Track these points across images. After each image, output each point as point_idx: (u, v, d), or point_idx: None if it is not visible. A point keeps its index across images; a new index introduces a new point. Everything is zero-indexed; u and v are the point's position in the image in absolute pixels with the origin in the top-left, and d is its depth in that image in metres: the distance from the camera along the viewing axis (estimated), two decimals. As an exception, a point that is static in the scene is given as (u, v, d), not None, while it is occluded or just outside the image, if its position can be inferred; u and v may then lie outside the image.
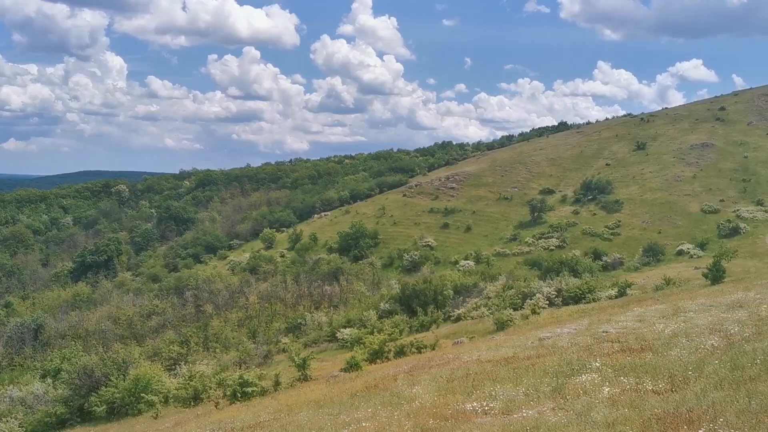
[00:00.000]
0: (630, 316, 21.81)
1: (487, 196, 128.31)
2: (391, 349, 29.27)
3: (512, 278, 58.98)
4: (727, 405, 7.55)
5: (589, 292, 43.23)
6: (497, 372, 13.89)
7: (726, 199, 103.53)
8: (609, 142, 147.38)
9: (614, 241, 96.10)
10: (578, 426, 7.77)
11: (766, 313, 14.96)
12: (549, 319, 33.47)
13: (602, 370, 11.42)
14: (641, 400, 8.75)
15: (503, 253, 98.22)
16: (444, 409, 10.93)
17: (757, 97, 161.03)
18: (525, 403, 10.26)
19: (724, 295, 23.13)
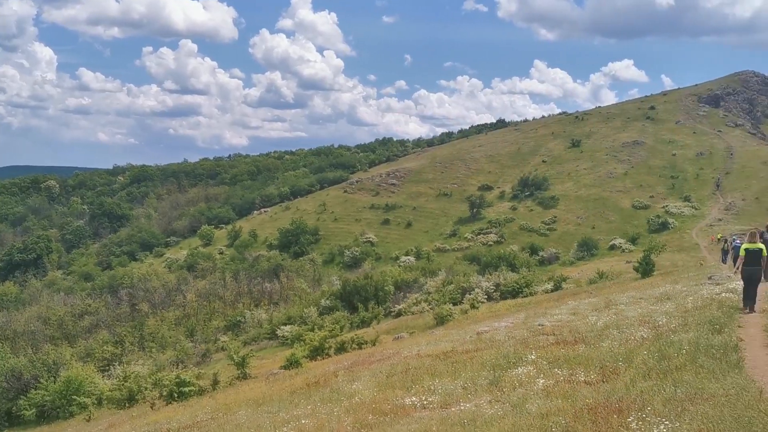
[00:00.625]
0: (565, 309, 22.39)
1: (427, 192, 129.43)
2: (331, 346, 29.19)
3: (452, 273, 59.73)
4: (655, 394, 7.82)
5: (526, 286, 44.14)
6: (436, 366, 14.01)
7: (655, 195, 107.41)
8: (545, 140, 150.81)
9: (550, 236, 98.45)
10: (513, 418, 7.91)
11: (692, 305, 15.56)
12: (487, 313, 34.00)
13: (537, 362, 11.65)
14: (574, 390, 8.97)
15: (443, 249, 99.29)
16: (383, 405, 10.95)
17: (685, 97, 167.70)
18: (463, 397, 10.37)
19: (653, 288, 23.98)
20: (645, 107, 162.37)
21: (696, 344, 10.27)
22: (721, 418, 6.22)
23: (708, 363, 9.06)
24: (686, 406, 6.96)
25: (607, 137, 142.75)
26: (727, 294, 16.42)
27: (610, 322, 15.78)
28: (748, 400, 6.81)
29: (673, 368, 9.13)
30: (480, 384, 10.98)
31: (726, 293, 16.56)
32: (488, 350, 14.88)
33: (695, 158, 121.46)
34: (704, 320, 12.62)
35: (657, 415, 6.80)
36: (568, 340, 14.02)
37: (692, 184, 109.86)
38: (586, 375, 10.08)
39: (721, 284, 19.63)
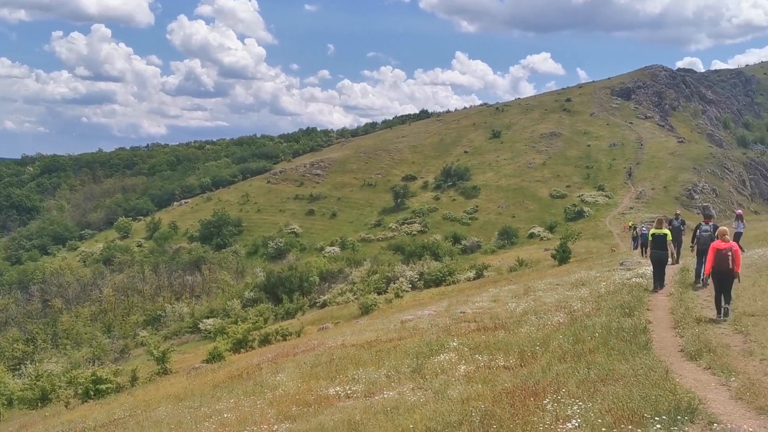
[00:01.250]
0: (486, 296, 22.90)
1: (351, 183, 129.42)
2: (255, 338, 28.88)
3: (377, 263, 59.99)
4: (569, 376, 8.11)
5: (449, 274, 44.85)
6: (360, 355, 14.07)
7: (572, 184, 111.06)
8: (467, 131, 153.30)
9: (472, 225, 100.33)
10: (435, 404, 8.04)
11: (605, 290, 16.21)
12: (411, 301, 34.36)
13: (459, 349, 11.88)
14: (494, 375, 9.20)
15: (368, 239, 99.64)
16: (307, 395, 10.92)
17: (599, 89, 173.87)
18: (386, 385, 10.46)
19: (569, 274, 24.82)
20: (562, 99, 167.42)
21: (608, 327, 10.71)
22: (630, 397, 6.51)
23: (619, 345, 9.47)
24: (598, 387, 7.25)
25: (526, 128, 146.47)
26: (637, 279, 17.17)
27: (529, 308, 16.26)
28: (655, 379, 7.16)
29: (587, 351, 9.49)
30: (403, 372, 11.11)
31: (636, 278, 17.31)
32: (412, 338, 15.05)
33: (608, 149, 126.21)
34: (616, 304, 13.16)
35: (571, 396, 7.05)
36: (489, 327, 14.35)
37: (606, 174, 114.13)
38: (506, 360, 10.35)
39: (632, 270, 20.52)
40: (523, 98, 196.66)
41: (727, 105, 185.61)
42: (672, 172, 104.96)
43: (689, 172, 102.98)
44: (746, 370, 7.63)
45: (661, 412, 5.95)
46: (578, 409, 6.49)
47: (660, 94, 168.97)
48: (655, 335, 10.29)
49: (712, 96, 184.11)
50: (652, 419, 5.82)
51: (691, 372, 7.96)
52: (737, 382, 7.12)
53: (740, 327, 10.10)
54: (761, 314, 10.69)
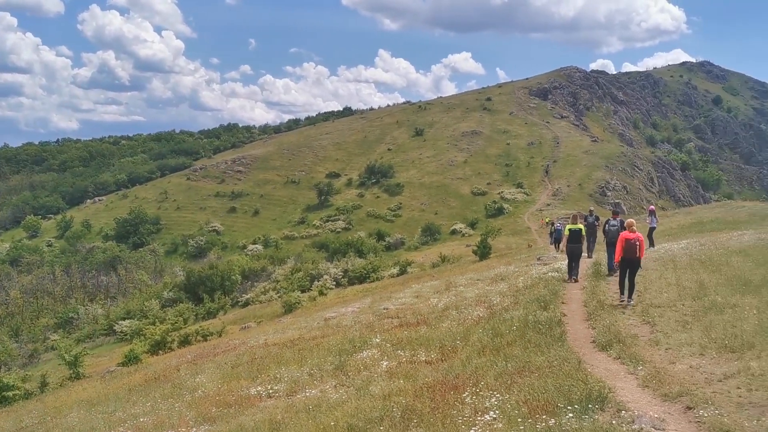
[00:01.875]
0: (409, 292, 23.12)
1: (274, 180, 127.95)
2: (174, 339, 28.12)
3: (301, 261, 59.54)
4: (488, 369, 8.29)
5: (373, 271, 45.02)
6: (283, 354, 13.94)
7: (492, 182, 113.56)
8: (391, 128, 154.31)
9: (396, 222, 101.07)
10: (357, 400, 8.05)
11: (523, 285, 16.65)
12: (335, 299, 34.34)
13: (382, 345, 11.94)
14: (415, 370, 9.29)
15: (292, 237, 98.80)
16: (228, 396, 10.73)
17: (517, 89, 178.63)
18: (309, 383, 10.40)
19: (489, 270, 25.38)
20: (482, 98, 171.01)
21: (525, 321, 11.01)
22: (545, 388, 6.72)
23: (535, 338, 9.75)
24: (515, 379, 7.44)
25: (448, 126, 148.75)
26: (553, 273, 17.72)
27: (450, 304, 16.52)
28: (568, 369, 7.41)
29: (505, 344, 9.73)
30: (326, 369, 11.07)
31: (552, 273, 17.87)
32: (335, 336, 15.03)
33: (527, 147, 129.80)
34: (533, 298, 13.54)
35: (489, 388, 7.21)
36: (411, 322, 14.50)
37: (524, 172, 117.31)
38: (427, 355, 10.48)
39: (548, 264, 21.18)
40: (445, 97, 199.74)
41: (637, 106, 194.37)
42: (586, 170, 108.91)
43: (602, 170, 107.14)
44: (653, 359, 8.01)
45: (574, 402, 6.16)
46: (496, 401, 6.64)
47: (575, 94, 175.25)
48: (570, 327, 10.65)
49: (623, 97, 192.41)
50: (565, 408, 6.02)
51: (602, 362, 8.28)
52: (644, 371, 7.46)
53: (647, 318, 10.59)
54: (667, 306, 11.24)
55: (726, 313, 9.57)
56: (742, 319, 8.81)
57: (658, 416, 5.90)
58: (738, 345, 7.84)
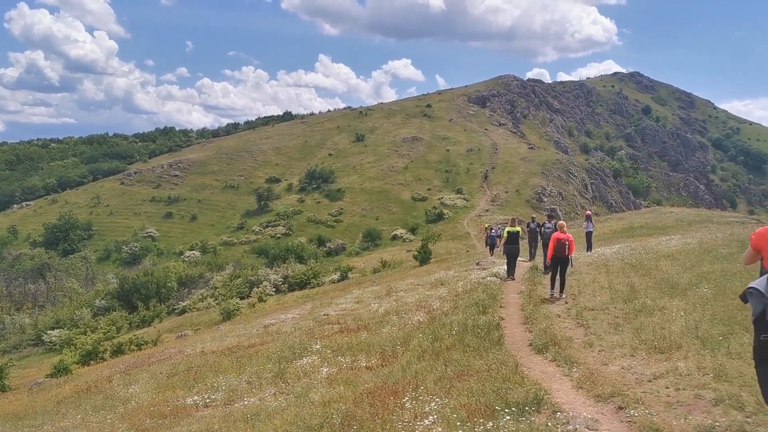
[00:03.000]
0: (349, 298, 23.08)
1: (213, 185, 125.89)
2: (107, 349, 27.26)
3: (240, 267, 58.75)
4: (428, 374, 8.33)
5: (313, 277, 44.79)
6: (220, 362, 13.68)
7: (432, 187, 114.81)
8: (331, 133, 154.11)
9: (337, 228, 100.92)
10: (296, 408, 7.96)
11: (462, 289, 16.83)
12: (275, 305, 33.97)
13: (322, 351, 11.86)
14: (356, 376, 9.26)
15: (230, 242, 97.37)
16: (163, 407, 10.44)
17: (457, 96, 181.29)
18: (247, 391, 10.23)
19: (429, 275, 25.59)
20: (422, 105, 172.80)
21: (464, 325, 11.12)
22: (483, 392, 6.80)
23: (474, 341, 9.86)
24: (454, 383, 7.50)
25: (389, 132, 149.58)
26: (491, 278, 18.00)
27: (391, 309, 16.55)
28: (505, 373, 7.53)
29: (445, 348, 9.80)
30: (265, 377, 10.92)
31: (491, 277, 18.14)
32: (274, 343, 14.85)
33: (466, 154, 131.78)
34: (472, 303, 13.70)
35: (429, 393, 7.25)
36: (352, 328, 14.46)
37: (464, 178, 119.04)
38: (368, 360, 10.46)
39: (487, 269, 21.50)
40: (386, 103, 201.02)
41: (572, 114, 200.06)
42: (523, 176, 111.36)
43: (539, 177, 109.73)
44: (586, 361, 8.21)
45: (511, 405, 6.26)
46: (435, 406, 6.68)
47: (512, 102, 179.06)
48: (508, 331, 10.82)
49: (559, 105, 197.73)
50: (502, 411, 6.10)
51: (538, 364, 8.44)
52: (578, 373, 7.64)
53: (582, 321, 10.86)
54: (600, 308, 11.56)
55: (655, 316, 9.91)
56: (670, 321, 9.13)
57: (592, 417, 6.05)
58: (666, 346, 8.13)
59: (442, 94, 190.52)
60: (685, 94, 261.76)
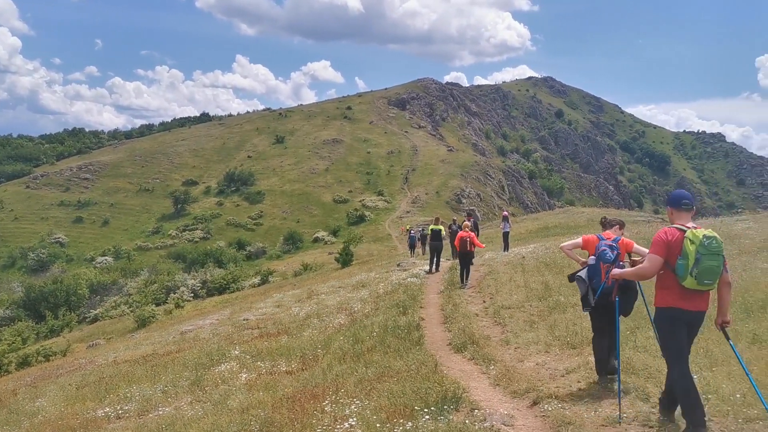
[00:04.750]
0: (270, 302, 22.78)
1: (126, 188, 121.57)
2: (12, 361, 25.76)
3: (155, 272, 56.99)
4: (349, 376, 8.31)
5: (233, 281, 43.96)
6: (134, 372, 13.20)
7: (353, 190, 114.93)
8: (250, 135, 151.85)
9: (257, 231, 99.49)
10: (214, 416, 7.77)
11: (383, 291, 16.93)
12: (193, 311, 33.16)
13: (241, 357, 11.64)
14: (275, 381, 9.13)
15: (145, 247, 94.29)
16: (72, 420, 9.96)
17: (377, 99, 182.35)
18: (163, 401, 9.91)
19: (351, 277, 25.61)
20: (343, 107, 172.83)
21: (385, 326, 11.17)
22: (403, 392, 6.83)
23: (395, 343, 9.91)
24: (375, 385, 7.51)
25: (309, 134, 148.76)
26: (412, 279, 18.19)
27: (312, 312, 16.46)
28: (425, 372, 7.60)
29: (365, 350, 9.81)
30: (181, 385, 10.61)
31: (412, 278, 18.33)
32: (191, 349, 14.47)
33: (387, 156, 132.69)
34: (393, 304, 13.79)
35: (349, 396, 7.22)
36: (272, 333, 14.28)
37: (384, 180, 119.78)
38: (288, 365, 10.33)
39: (408, 270, 21.72)
40: (306, 105, 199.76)
41: (489, 117, 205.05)
42: (443, 178, 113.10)
43: (457, 179, 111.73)
44: (503, 359, 8.41)
45: (430, 404, 6.31)
46: (356, 408, 6.66)
47: (431, 105, 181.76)
48: (427, 331, 10.94)
49: (476, 109, 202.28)
50: (421, 411, 6.15)
51: (457, 363, 8.57)
52: (496, 370, 7.81)
53: (499, 319, 11.12)
54: (516, 307, 11.86)
55: (568, 312, 10.25)
56: (582, 317, 9.46)
57: (508, 413, 6.19)
58: (578, 342, 8.42)
59: (362, 97, 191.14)
60: (594, 98, 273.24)
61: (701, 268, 4.92)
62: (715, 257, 4.93)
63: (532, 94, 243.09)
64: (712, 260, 4.92)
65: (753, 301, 8.70)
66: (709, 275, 4.95)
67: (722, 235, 16.05)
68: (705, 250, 4.91)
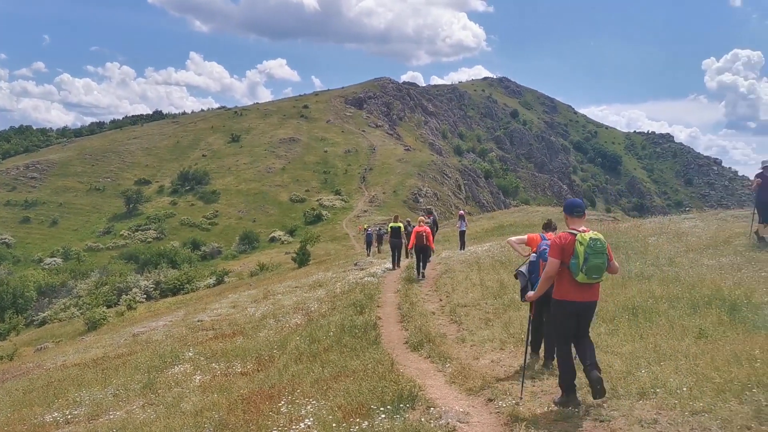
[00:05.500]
0: (225, 303, 22.52)
1: (76, 187, 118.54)
2: (-46, 367, 24.89)
3: (107, 274, 55.73)
4: (305, 376, 8.26)
5: (187, 282, 43.37)
6: (84, 375, 12.89)
7: (310, 189, 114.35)
8: (205, 134, 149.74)
9: (212, 231, 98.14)
10: (166, 419, 7.62)
11: (340, 290, 16.88)
12: (146, 313, 32.59)
13: (195, 359, 11.47)
14: (230, 383, 9.02)
15: (96, 248, 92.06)
16: (18, 426, 9.67)
17: (334, 98, 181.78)
18: (114, 405, 9.69)
19: (308, 277, 25.49)
20: (299, 106, 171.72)
21: (342, 326, 11.13)
22: (360, 391, 6.82)
23: (351, 342, 9.89)
24: (331, 384, 7.47)
25: (265, 133, 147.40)
26: (369, 278, 18.18)
27: (268, 312, 16.32)
28: (382, 371, 7.59)
29: (322, 350, 9.76)
30: (133, 389, 10.40)
31: (369, 277, 18.32)
32: (144, 352, 14.18)
33: (344, 155, 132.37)
34: (349, 303, 13.77)
35: (305, 396, 7.17)
36: (227, 333, 14.11)
37: (342, 179, 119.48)
38: (243, 366, 10.22)
39: (365, 269, 21.72)
40: (262, 103, 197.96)
41: (445, 117, 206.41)
42: (400, 177, 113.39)
43: (415, 178, 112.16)
44: (459, 356, 8.46)
45: (386, 403, 6.31)
46: (312, 408, 6.62)
47: (388, 104, 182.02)
48: (384, 330, 10.94)
49: (433, 108, 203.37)
50: (377, 410, 6.15)
51: (413, 362, 8.60)
52: (452, 368, 7.85)
53: (455, 317, 11.20)
54: (472, 305, 11.97)
55: (522, 310, 10.38)
56: (535, 314, 9.59)
57: (463, 410, 6.23)
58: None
59: (319, 96, 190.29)
60: (549, 99, 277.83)
61: (589, 266, 5.74)
62: (600, 255, 5.77)
63: (487, 95, 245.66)
64: (597, 258, 5.76)
65: (699, 297, 8.95)
66: (596, 271, 5.79)
67: (671, 233, 16.53)
68: (591, 250, 5.75)
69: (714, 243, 14.07)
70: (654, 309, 8.77)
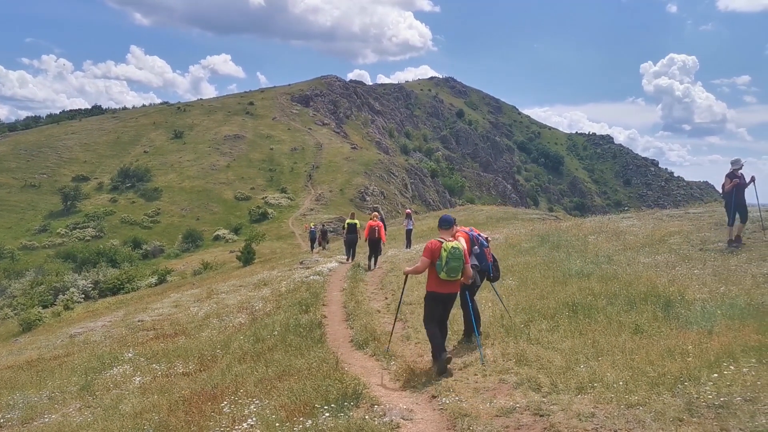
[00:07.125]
0: (167, 302, 22.08)
1: (10, 183, 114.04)
2: None
3: (42, 273, 53.88)
4: (248, 376, 8.17)
5: (128, 281, 42.32)
6: (17, 378, 12.45)
7: (256, 187, 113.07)
8: (147, 130, 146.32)
9: (154, 229, 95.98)
10: (104, 422, 7.43)
11: (285, 289, 16.76)
12: (84, 313, 31.62)
13: (135, 360, 11.22)
14: (171, 384, 8.85)
15: (31, 246, 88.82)
16: (-54, 433, 9.25)
17: (280, 95, 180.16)
18: (49, 408, 9.39)
19: (252, 275, 25.22)
20: (245, 102, 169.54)
21: (286, 325, 11.07)
22: (304, 390, 6.79)
23: (296, 341, 9.84)
24: (275, 384, 7.42)
25: (209, 130, 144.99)
26: (315, 277, 18.10)
27: (211, 312, 16.08)
28: (326, 370, 7.58)
29: (266, 349, 9.68)
30: (70, 391, 10.10)
31: (314, 276, 18.24)
32: (81, 353, 13.81)
33: (290, 153, 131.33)
34: (295, 302, 13.68)
35: (249, 396, 7.10)
36: (169, 334, 13.85)
37: (288, 177, 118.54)
38: (185, 366, 10.05)
39: (311, 268, 21.60)
40: (206, 99, 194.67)
41: (392, 116, 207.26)
42: (347, 176, 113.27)
43: (362, 176, 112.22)
44: (404, 354, 8.52)
45: (331, 401, 6.31)
46: (255, 408, 6.56)
47: (335, 102, 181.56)
48: (329, 329, 10.92)
49: (380, 107, 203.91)
50: (322, 409, 6.13)
51: (359, 360, 8.61)
52: (396, 365, 7.90)
53: (400, 315, 11.25)
54: (417, 303, 12.04)
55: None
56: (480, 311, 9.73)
57: (407, 407, 6.27)
58: (476, 335, 8.64)
59: (264, 92, 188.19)
60: (494, 99, 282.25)
61: (449, 267, 7.35)
62: (457, 260, 7.38)
63: (434, 94, 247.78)
64: (455, 262, 7.37)
65: (636, 294, 9.23)
66: (455, 271, 7.41)
67: (609, 231, 17.02)
68: (451, 255, 7.35)
69: (650, 241, 14.55)
70: (593, 306, 9.00)
